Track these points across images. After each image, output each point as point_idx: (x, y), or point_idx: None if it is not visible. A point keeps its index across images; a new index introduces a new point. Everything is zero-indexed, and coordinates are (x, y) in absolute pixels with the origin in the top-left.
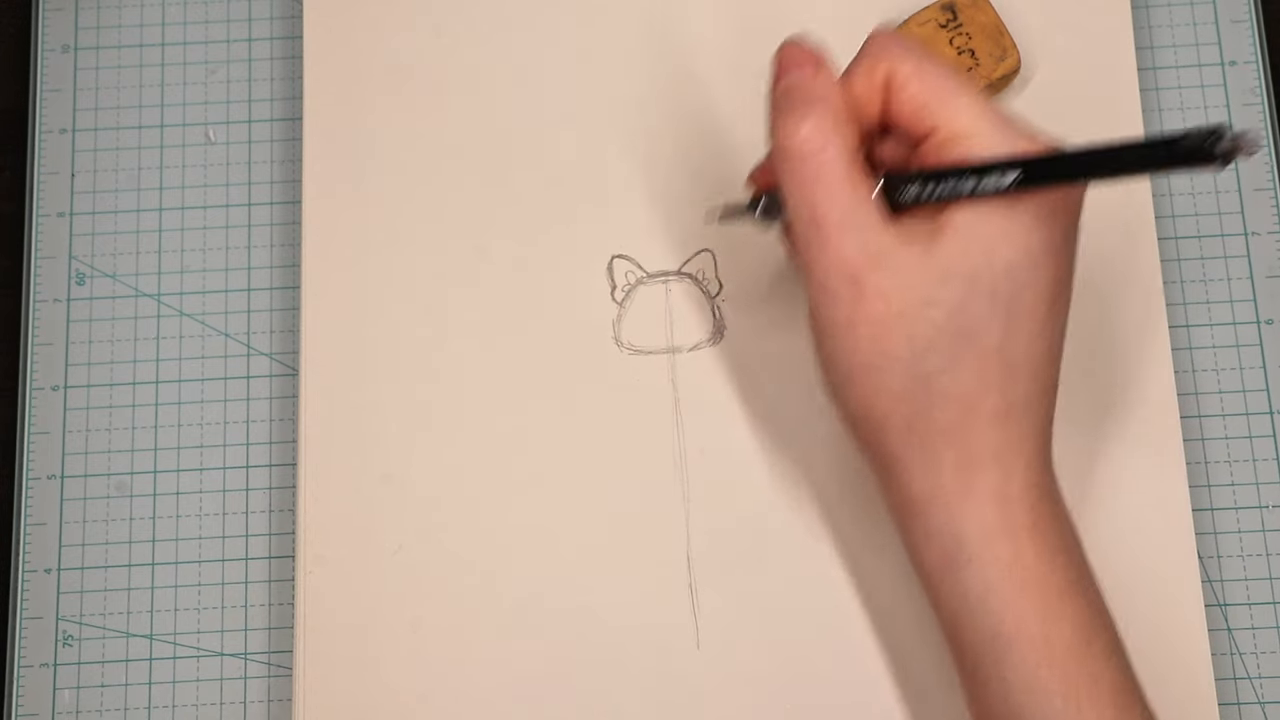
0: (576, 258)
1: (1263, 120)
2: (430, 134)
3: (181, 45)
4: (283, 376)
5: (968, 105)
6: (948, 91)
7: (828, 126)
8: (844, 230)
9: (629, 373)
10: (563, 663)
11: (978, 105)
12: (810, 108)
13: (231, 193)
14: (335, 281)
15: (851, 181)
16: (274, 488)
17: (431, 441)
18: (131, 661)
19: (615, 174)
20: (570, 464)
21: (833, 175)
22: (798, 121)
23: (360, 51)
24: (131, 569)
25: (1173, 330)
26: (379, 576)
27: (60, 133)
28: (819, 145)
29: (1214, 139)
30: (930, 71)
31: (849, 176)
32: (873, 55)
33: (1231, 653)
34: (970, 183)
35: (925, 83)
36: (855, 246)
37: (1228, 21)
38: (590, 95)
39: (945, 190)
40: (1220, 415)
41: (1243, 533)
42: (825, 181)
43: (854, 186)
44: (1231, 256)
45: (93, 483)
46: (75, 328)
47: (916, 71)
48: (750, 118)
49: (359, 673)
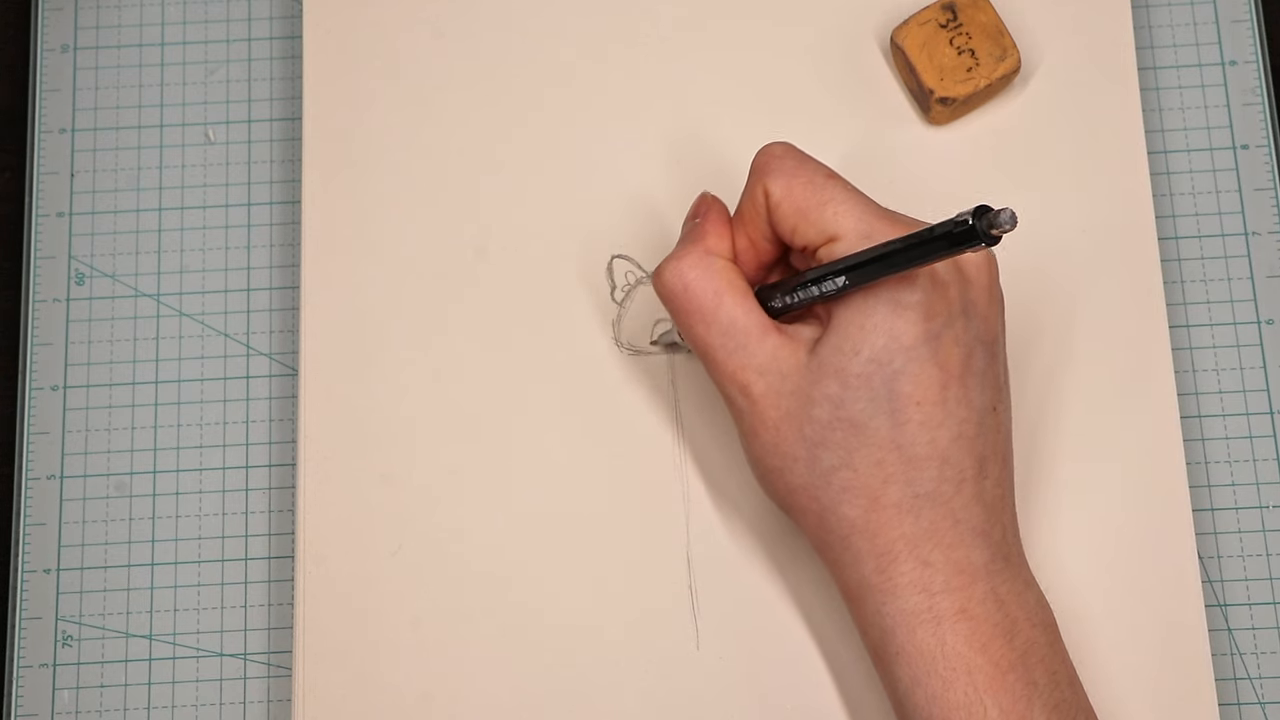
0: (576, 258)
1: (1263, 120)
2: (430, 134)
3: (181, 45)
4: (283, 376)
5: (833, 214)
6: (813, 207)
7: (692, 262)
8: (725, 350)
9: (629, 373)
10: (562, 663)
11: (842, 209)
12: (679, 250)
13: (231, 193)
14: (335, 281)
15: (721, 305)
16: (274, 488)
17: (431, 441)
18: (131, 662)
19: (615, 173)
20: (570, 464)
21: (701, 304)
22: (667, 265)
23: (360, 51)
24: (131, 569)
25: (1173, 330)
26: (378, 576)
27: (59, 133)
28: (682, 284)
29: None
30: (797, 189)
31: (719, 302)
32: (754, 175)
33: (1231, 653)
34: (814, 289)
35: (793, 202)
36: (738, 362)
37: (1228, 21)
38: (590, 95)
39: (799, 298)
40: (1220, 415)
41: (1243, 533)
42: (698, 311)
43: (725, 309)
44: (1231, 256)
45: (92, 483)
46: (75, 328)
47: (785, 192)
48: (750, 117)
49: (359, 673)
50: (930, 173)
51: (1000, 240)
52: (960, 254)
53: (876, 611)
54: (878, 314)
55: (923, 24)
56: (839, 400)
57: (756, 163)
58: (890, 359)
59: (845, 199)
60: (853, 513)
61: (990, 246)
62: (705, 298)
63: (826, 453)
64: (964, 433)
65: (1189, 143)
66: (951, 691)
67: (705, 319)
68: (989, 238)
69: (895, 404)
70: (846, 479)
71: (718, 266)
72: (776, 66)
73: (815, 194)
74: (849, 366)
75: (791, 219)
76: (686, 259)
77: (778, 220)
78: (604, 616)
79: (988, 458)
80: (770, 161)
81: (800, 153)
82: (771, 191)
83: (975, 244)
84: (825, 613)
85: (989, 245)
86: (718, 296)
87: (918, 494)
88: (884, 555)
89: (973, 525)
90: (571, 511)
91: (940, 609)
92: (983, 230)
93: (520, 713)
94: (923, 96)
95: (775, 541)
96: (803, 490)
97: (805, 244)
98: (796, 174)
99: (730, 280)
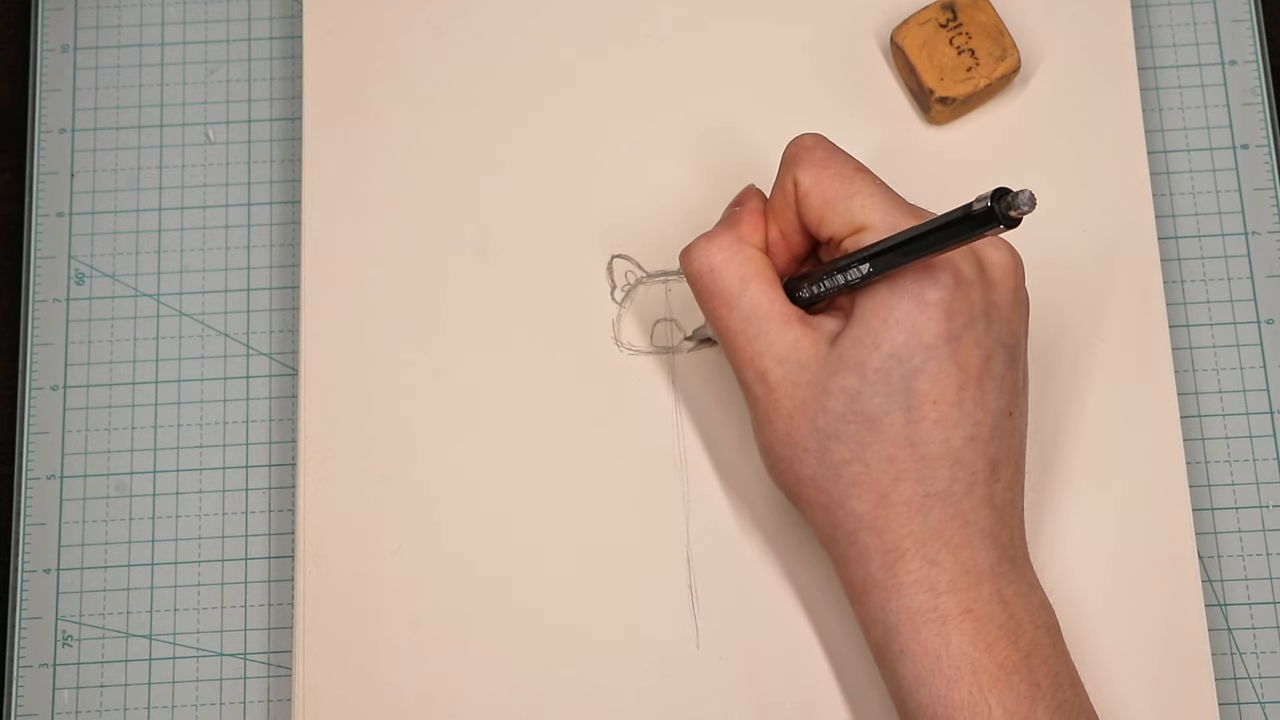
0: (576, 258)
1: (1263, 120)
2: (430, 134)
3: (181, 45)
4: (283, 376)
5: (860, 206)
6: (840, 198)
7: (722, 244)
8: (746, 336)
9: (629, 373)
10: (562, 663)
11: (869, 202)
12: (714, 232)
13: (231, 193)
14: (335, 281)
15: (745, 291)
16: (274, 488)
17: (431, 441)
18: (131, 662)
19: (615, 173)
20: (570, 464)
21: (726, 288)
22: (697, 245)
23: (360, 51)
24: (131, 569)
25: (1173, 330)
26: (378, 576)
27: (59, 133)
28: (709, 265)
29: (1005, 202)
30: (826, 181)
31: (743, 288)
32: (784, 166)
33: (1231, 653)
34: (839, 278)
35: (820, 194)
36: (757, 349)
37: (1228, 21)
38: (590, 95)
39: (825, 288)
40: (1220, 415)
41: (1243, 533)
42: (721, 294)
43: (749, 295)
44: (1231, 256)
45: (92, 483)
46: (75, 328)
47: (814, 183)
48: (750, 117)
49: (359, 673)
50: (930, 173)
51: (1019, 222)
52: (981, 238)
53: (881, 609)
54: (900, 309)
55: (923, 24)
56: (855, 393)
57: (787, 153)
58: (910, 355)
59: (873, 192)
60: (861, 508)
61: (1010, 228)
62: (730, 282)
63: (839, 445)
64: (978, 435)
65: (1189, 143)
66: (955, 691)
67: (728, 303)
68: (1008, 220)
69: (911, 401)
70: (857, 473)
71: (747, 254)
72: (776, 66)
73: (843, 186)
74: (868, 360)
75: (819, 210)
76: (716, 242)
77: (805, 211)
78: (604, 616)
79: (1000, 461)
80: (800, 153)
81: (830, 144)
82: (800, 182)
83: (995, 225)
84: (826, 612)
85: (1008, 227)
86: (743, 283)
87: (928, 493)
88: (891, 552)
89: (981, 527)
90: (571, 511)
91: (945, 608)
92: (1001, 212)
93: (520, 713)
94: (923, 96)
95: (776, 541)
96: (812, 482)
97: (832, 234)
98: (826, 165)
99: (758, 269)
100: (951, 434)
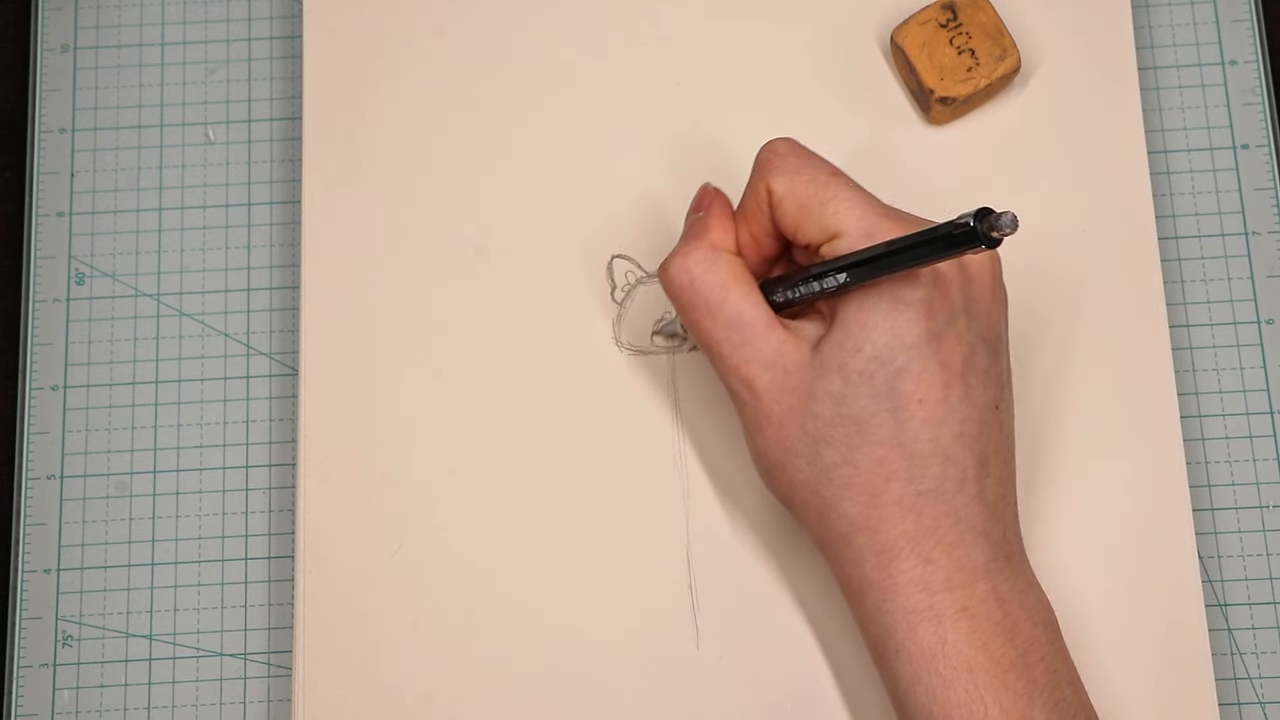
0: (576, 258)
1: (1263, 120)
2: (430, 134)
3: (181, 45)
4: (283, 376)
5: (834, 212)
6: (815, 204)
7: (699, 258)
8: (731, 344)
9: (629, 373)
10: (562, 663)
11: (844, 208)
12: (685, 245)
13: (231, 193)
14: (335, 281)
15: (727, 300)
16: (274, 488)
17: (431, 442)
18: (131, 662)
19: (615, 173)
20: (570, 464)
21: (708, 299)
22: (673, 260)
23: (360, 51)
24: (131, 569)
25: (1173, 330)
26: (378, 576)
27: (59, 133)
28: (688, 278)
29: (987, 223)
30: (799, 187)
31: (725, 297)
32: (757, 171)
33: (1231, 653)
34: (815, 285)
35: (795, 200)
36: (743, 356)
37: (1228, 21)
38: (590, 95)
39: (801, 294)
40: (1220, 415)
41: (1243, 533)
42: (704, 306)
43: (731, 303)
44: (1231, 256)
45: (92, 483)
46: (75, 327)
47: (788, 190)
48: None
49: (359, 673)
50: (930, 173)
51: (1001, 243)
52: (960, 255)
53: (877, 609)
54: (879, 311)
55: (923, 24)
56: (841, 397)
57: (759, 159)
58: (892, 357)
59: (847, 197)
60: (854, 509)
61: (991, 249)
62: (711, 293)
63: (828, 449)
64: (966, 431)
65: (1189, 143)
66: (952, 689)
67: (711, 313)
68: (989, 240)
69: (897, 402)
70: (848, 476)
71: (723, 261)
72: (776, 66)
73: (817, 191)
74: (851, 363)
75: (794, 216)
76: (693, 254)
77: (780, 217)
78: (604, 616)
79: (989, 456)
80: (773, 159)
81: (803, 149)
82: (774, 189)
83: (975, 246)
84: (825, 612)
85: (990, 248)
86: (724, 291)
87: (919, 491)
88: (885, 552)
89: (974, 524)
90: (571, 511)
91: (941, 607)
92: (983, 233)
93: (520, 713)
94: (923, 96)
95: (776, 541)
96: (804, 486)
97: (808, 241)
98: (799, 171)
99: (736, 275)
100: (939, 432)
